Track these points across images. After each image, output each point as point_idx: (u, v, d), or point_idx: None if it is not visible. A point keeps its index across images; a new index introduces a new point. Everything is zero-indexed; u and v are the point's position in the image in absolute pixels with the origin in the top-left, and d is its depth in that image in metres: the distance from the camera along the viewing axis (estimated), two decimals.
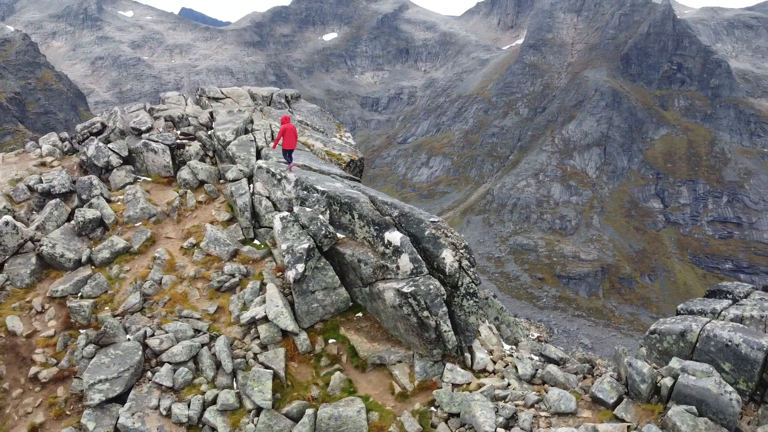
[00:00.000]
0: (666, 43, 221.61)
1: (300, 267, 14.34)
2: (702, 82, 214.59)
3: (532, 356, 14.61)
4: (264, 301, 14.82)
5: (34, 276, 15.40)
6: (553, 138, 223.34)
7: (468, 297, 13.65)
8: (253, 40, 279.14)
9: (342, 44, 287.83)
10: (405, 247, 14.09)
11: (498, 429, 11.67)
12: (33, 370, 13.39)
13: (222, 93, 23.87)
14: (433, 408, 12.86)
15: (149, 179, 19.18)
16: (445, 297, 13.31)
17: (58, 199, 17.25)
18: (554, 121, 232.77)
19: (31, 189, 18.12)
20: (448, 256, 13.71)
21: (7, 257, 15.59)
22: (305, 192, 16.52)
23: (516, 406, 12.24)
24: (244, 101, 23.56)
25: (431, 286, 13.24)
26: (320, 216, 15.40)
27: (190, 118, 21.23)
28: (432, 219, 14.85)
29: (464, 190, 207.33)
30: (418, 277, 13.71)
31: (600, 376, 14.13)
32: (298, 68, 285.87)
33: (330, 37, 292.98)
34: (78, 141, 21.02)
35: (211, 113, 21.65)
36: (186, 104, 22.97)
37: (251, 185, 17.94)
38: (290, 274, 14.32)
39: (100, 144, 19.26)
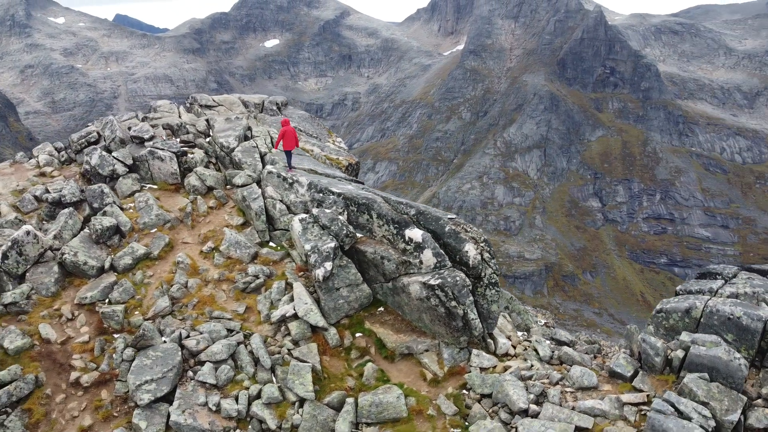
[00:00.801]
0: (599, 48, 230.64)
1: (328, 265, 15.08)
2: (633, 85, 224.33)
3: (545, 340, 15.80)
4: (291, 300, 15.48)
5: (58, 284, 15.53)
6: (495, 141, 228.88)
7: (490, 287, 14.72)
8: (193, 47, 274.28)
9: (284, 51, 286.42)
10: (427, 243, 15.04)
11: (530, 405, 12.76)
12: (74, 375, 13.61)
13: (214, 101, 24.22)
14: (464, 391, 13.85)
15: (155, 186, 19.43)
16: (470, 287, 14.33)
17: (71, 208, 17.36)
18: (496, 125, 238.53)
19: (38, 199, 18.11)
20: (471, 250, 14.74)
21: (28, 266, 15.66)
22: (320, 194, 17.25)
23: (543, 384, 13.37)
24: (237, 108, 23.99)
25: (458, 278, 14.24)
26: (340, 217, 16.17)
27: (188, 126, 21.54)
28: (449, 216, 15.86)
29: (411, 194, 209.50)
30: (442, 270, 14.68)
31: (607, 355, 15.47)
32: (240, 75, 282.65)
33: (272, 43, 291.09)
34: (74, 151, 21.02)
35: (207, 121, 22.01)
36: (178, 112, 23.21)
37: (261, 190, 18.49)
38: (319, 272, 15.03)
39: (104, 153, 19.40)
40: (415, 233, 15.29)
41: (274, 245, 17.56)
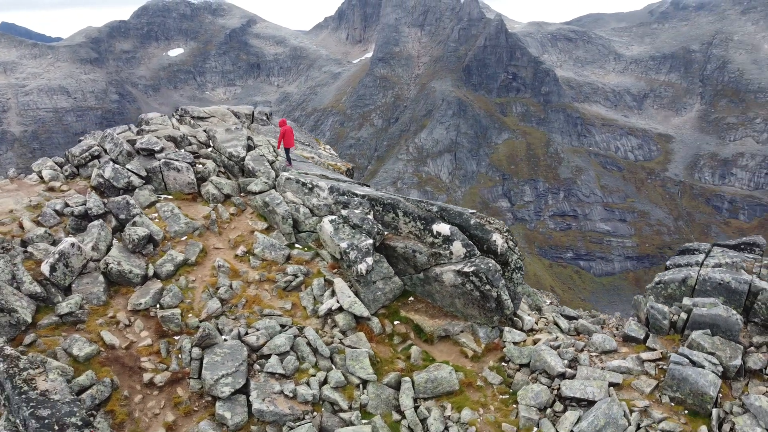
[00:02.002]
0: (501, 55, 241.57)
1: (369, 260, 16.54)
2: (534, 90, 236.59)
3: (560, 316, 18.00)
4: (332, 295, 16.79)
5: (106, 293, 15.99)
6: (408, 147, 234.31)
7: (516, 271, 16.73)
8: (90, 56, 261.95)
9: (189, 60, 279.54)
10: (456, 235, 16.84)
11: (567, 369, 14.82)
12: (147, 376, 14.27)
13: (205, 112, 24.83)
14: (503, 363, 15.73)
15: (170, 197, 20.00)
16: (501, 272, 16.25)
17: (101, 220, 17.72)
18: (407, 131, 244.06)
19: (59, 213, 18.30)
20: (498, 239, 16.68)
21: (74, 278, 16.01)
22: (344, 197, 18.64)
23: (571, 351, 15.46)
24: (229, 119, 24.75)
25: (490, 264, 16.13)
26: (369, 216, 17.65)
27: (189, 138, 22.18)
28: (470, 211, 17.72)
29: None
30: (473, 259, 16.52)
31: (611, 326, 17.87)
32: (143, 86, 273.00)
33: (176, 52, 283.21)
34: (77, 165, 21.14)
35: (206, 131, 22.72)
36: (171, 124, 23.71)
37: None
38: (362, 267, 16.46)
39: (117, 166, 19.78)
40: (443, 227, 17.04)
41: (300, 246, 18.72)
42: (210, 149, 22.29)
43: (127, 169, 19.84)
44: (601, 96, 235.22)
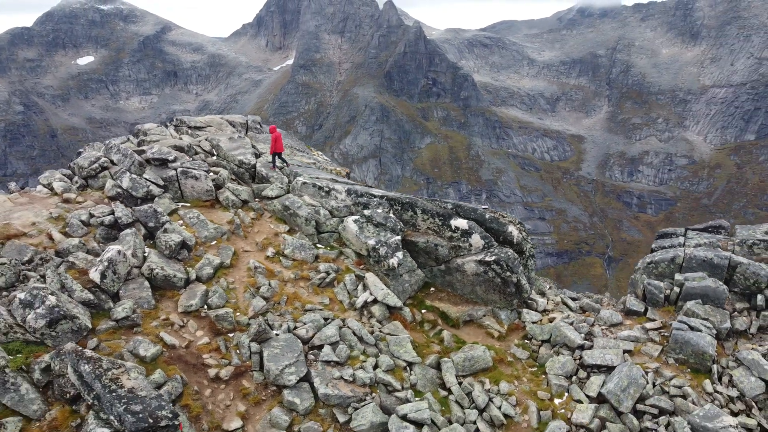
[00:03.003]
0: (421, 61, 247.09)
1: (399, 254, 18.05)
2: (454, 95, 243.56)
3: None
4: (365, 289, 18.15)
5: (154, 297, 16.64)
6: (333, 153, 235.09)
7: (530, 258, 18.69)
8: None
9: (101, 68, 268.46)
10: (474, 229, 18.62)
11: (584, 341, 16.89)
12: (212, 371, 15.12)
13: (202, 122, 25.41)
14: (526, 340, 17.65)
15: (188, 204, 20.66)
16: (518, 260, 18.16)
17: (134, 228, 18.24)
18: (332, 137, 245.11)
19: (85, 223, 18.63)
20: (514, 230, 18.60)
21: (120, 284, 16.55)
22: (363, 198, 20.02)
23: (584, 325, 17.57)
24: (226, 129, 25.45)
25: (509, 253, 18.02)
26: (391, 215, 19.14)
27: (195, 147, 22.83)
28: (483, 207, 19.55)
29: None
30: (492, 249, 18.36)
31: (605, 304, 20.17)
32: (50, 95, 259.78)
33: (86, 60, 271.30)
34: (85, 177, 21.37)
35: (209, 140, 23.42)
36: (170, 134, 24.22)
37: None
38: (393, 261, 17.94)
39: (134, 176, 20.26)
40: (461, 222, 18.79)
41: (322, 246, 19.92)
42: (214, 157, 23.02)
43: (145, 178, 20.35)
44: (517, 100, 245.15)
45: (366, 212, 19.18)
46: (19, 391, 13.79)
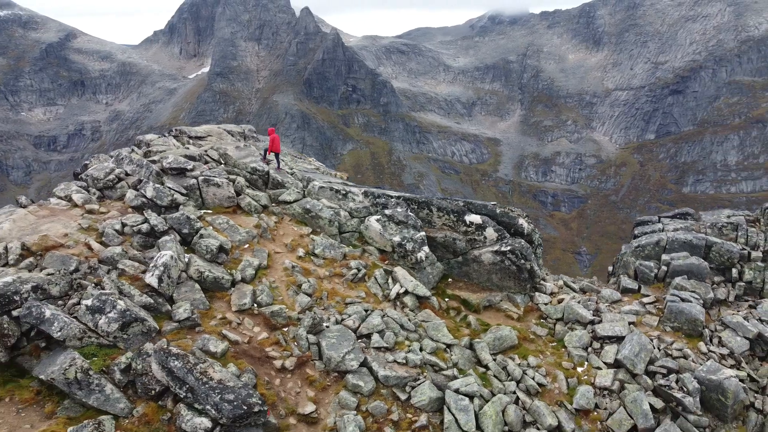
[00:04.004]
0: (340, 68, 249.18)
1: (426, 249, 19.80)
2: (374, 101, 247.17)
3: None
4: (394, 282, 19.75)
5: (207, 299, 17.53)
6: None
7: (539, 247, 20.90)
8: None
9: None
10: (487, 223, 20.65)
11: (594, 317, 19.27)
12: (278, 363, 16.25)
13: (203, 132, 26.04)
14: (542, 320, 19.83)
15: (209, 211, 21.46)
16: (530, 248, 20.34)
17: (172, 235, 18.95)
18: None
19: (119, 232, 19.16)
20: (524, 223, 20.76)
21: (174, 288, 17.32)
22: (381, 199, 21.62)
23: (591, 303, 19.97)
24: (227, 138, 26.20)
25: (522, 243, 20.17)
26: (410, 213, 20.84)
27: (204, 156, 23.59)
28: (492, 203, 21.60)
29: None
30: (505, 240, 20.43)
31: (599, 286, 22.74)
32: None
33: None
34: (101, 188, 21.70)
35: (216, 149, 24.22)
36: (174, 144, 24.79)
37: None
38: (421, 255, 19.66)
39: (157, 185, 20.88)
40: (474, 217, 20.77)
41: (344, 245, 21.31)
42: (222, 165, 23.86)
43: (168, 187, 21.01)
44: (435, 105, 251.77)
45: (387, 212, 20.79)
46: (104, 391, 14.44)
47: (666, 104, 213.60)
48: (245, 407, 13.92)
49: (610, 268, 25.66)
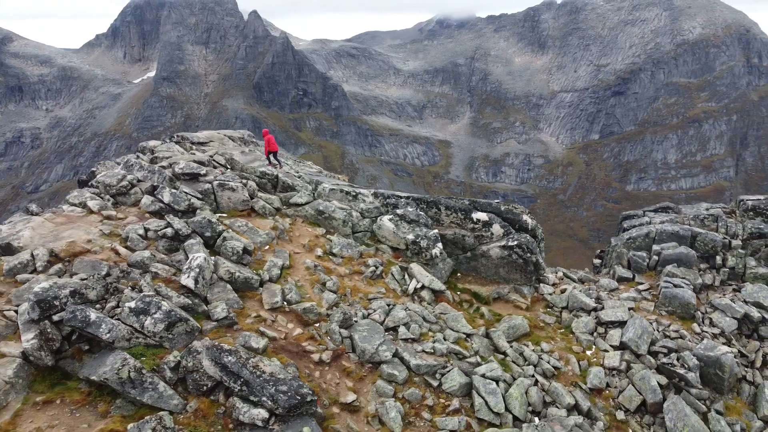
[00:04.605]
0: (290, 72, 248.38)
1: (440, 245, 20.93)
2: (325, 105, 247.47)
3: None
4: (410, 277, 20.80)
5: (239, 299, 18.15)
6: None
7: (542, 241, 22.31)
8: None
9: None
10: (494, 220, 21.94)
11: (596, 304, 20.80)
12: (315, 356, 17.03)
13: (204, 138, 26.41)
14: (548, 308, 21.24)
15: (224, 214, 22.00)
16: (535, 243, 21.74)
17: (197, 238, 19.46)
18: None
19: (143, 237, 19.55)
20: (528, 219, 22.14)
21: (207, 288, 17.88)
22: (392, 199, 22.63)
23: (592, 292, 21.51)
24: (229, 143, 26.64)
25: (528, 237, 21.54)
26: (421, 212, 21.93)
27: (212, 161, 24.07)
28: (496, 201, 22.90)
29: None
30: (511, 235, 21.76)
31: (598, 277, 24.35)
32: None
33: None
34: (114, 194, 21.95)
35: (222, 155, 24.73)
36: (177, 151, 25.13)
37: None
38: (436, 251, 20.77)
39: (174, 190, 21.30)
40: (481, 215, 22.04)
41: (358, 244, 22.21)
42: (229, 170, 24.39)
43: (185, 192, 21.46)
44: (386, 108, 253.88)
45: (398, 211, 21.82)
46: (157, 389, 14.95)
47: (609, 105, 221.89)
48: (299, 397, 14.71)
49: (597, 261, 27.43)
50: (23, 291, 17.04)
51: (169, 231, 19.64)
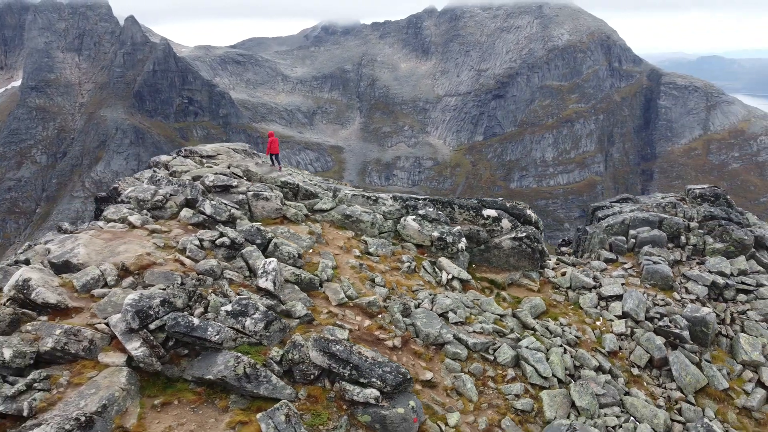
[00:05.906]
0: (173, 79, 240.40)
1: (464, 240, 23.52)
2: (212, 113, 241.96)
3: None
4: (440, 270, 23.25)
5: (309, 298, 19.71)
6: (83, 182, 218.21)
7: (543, 232, 25.54)
8: None
9: None
10: (503, 215, 24.93)
11: (595, 282, 24.38)
12: (388, 343, 18.99)
13: (212, 151, 27.12)
14: (556, 289, 24.51)
15: (258, 222, 23.23)
16: (540, 233, 24.96)
17: (254, 246, 20.69)
18: (80, 165, 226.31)
19: (200, 247, 20.51)
20: (531, 213, 25.31)
21: (280, 290, 19.28)
22: (411, 201, 24.92)
23: (589, 272, 25.06)
24: (236, 155, 27.50)
25: (534, 229, 24.71)
26: (440, 212, 24.46)
27: (233, 174, 25.11)
28: (500, 199, 25.85)
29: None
30: (519, 228, 24.82)
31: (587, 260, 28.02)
32: None
33: None
34: (149, 209, 22.52)
35: (238, 166, 25.81)
36: (190, 164, 25.86)
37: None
38: (462, 245, 23.38)
39: (213, 202, 22.30)
40: (491, 212, 24.96)
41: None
42: (246, 180, 25.56)
43: (224, 203, 22.50)
44: (276, 115, 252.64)
45: (420, 212, 24.19)
46: (271, 381, 16.39)
47: (490, 108, 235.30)
48: (401, 376, 16.72)
49: (565, 248, 31.28)
50: (105, 304, 17.66)
51: (225, 240, 20.72)
